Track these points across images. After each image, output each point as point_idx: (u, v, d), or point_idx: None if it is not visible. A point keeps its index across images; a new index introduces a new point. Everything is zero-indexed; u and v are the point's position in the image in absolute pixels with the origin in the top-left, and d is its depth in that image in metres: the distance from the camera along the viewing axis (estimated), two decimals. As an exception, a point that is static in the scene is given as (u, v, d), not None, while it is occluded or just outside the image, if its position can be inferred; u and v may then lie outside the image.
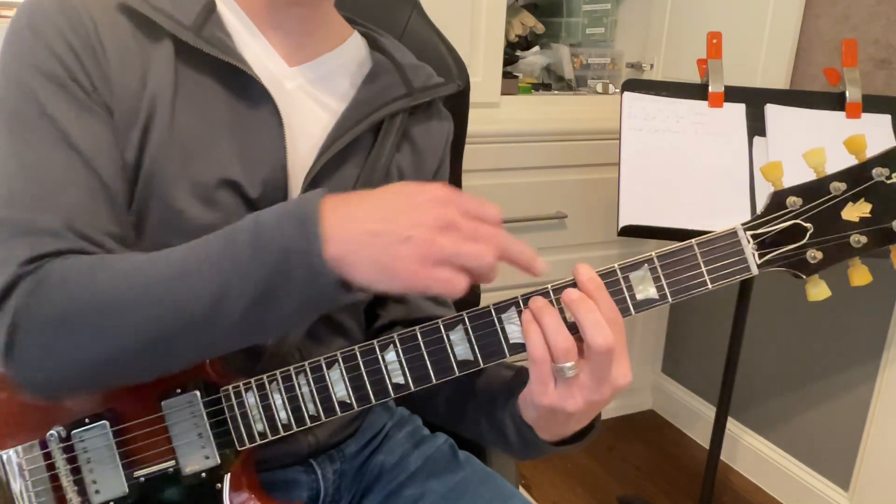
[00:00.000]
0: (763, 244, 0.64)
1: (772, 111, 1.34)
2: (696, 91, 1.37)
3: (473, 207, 0.59)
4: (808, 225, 0.64)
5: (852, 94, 1.31)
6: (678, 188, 1.31)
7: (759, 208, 0.66)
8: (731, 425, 1.95)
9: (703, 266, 0.64)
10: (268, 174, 0.73)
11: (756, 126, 1.34)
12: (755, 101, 1.36)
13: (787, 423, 1.83)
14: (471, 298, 1.13)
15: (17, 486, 0.71)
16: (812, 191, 0.64)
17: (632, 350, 2.14)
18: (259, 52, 0.76)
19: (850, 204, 0.64)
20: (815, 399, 1.75)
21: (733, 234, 0.64)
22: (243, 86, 0.73)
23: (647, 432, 2.14)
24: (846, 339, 1.66)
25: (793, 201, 0.64)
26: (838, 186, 0.64)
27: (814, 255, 0.64)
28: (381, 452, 0.89)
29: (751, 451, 1.92)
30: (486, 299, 1.16)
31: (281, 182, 0.74)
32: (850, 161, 0.65)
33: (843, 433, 1.68)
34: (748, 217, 0.65)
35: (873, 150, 0.65)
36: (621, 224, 1.29)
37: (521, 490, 0.86)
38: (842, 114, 1.32)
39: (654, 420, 2.21)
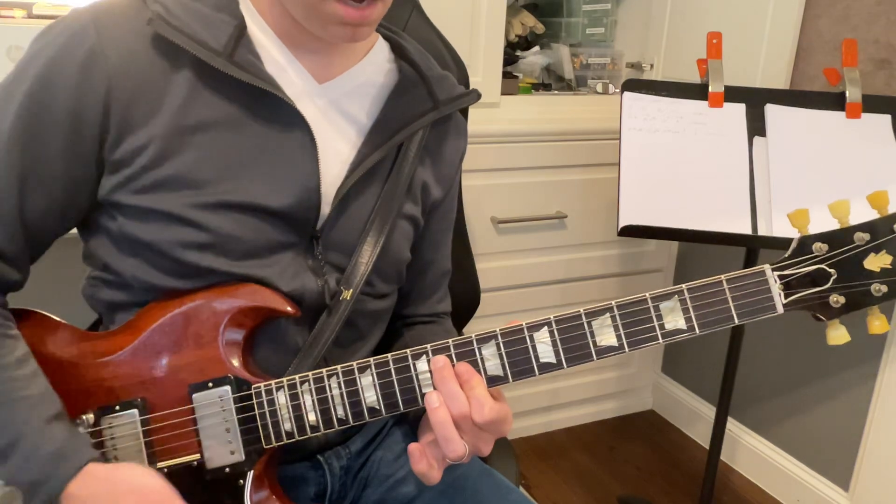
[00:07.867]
0: (789, 285, 0.67)
1: (772, 111, 1.34)
2: (696, 91, 1.37)
3: None
4: (832, 271, 0.66)
5: (852, 94, 1.31)
6: (678, 188, 1.31)
7: (788, 251, 0.68)
8: (731, 425, 1.95)
9: (730, 301, 0.66)
10: (300, 195, 0.74)
11: (756, 126, 1.33)
12: (755, 101, 1.36)
13: (787, 423, 1.83)
14: (471, 299, 1.14)
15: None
16: (837, 239, 0.67)
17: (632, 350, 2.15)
18: (290, 71, 0.76)
19: (873, 254, 0.66)
20: (815, 399, 1.75)
21: (761, 273, 0.67)
22: (274, 108, 0.73)
23: (647, 432, 2.14)
24: (846, 339, 1.65)
25: (818, 247, 0.67)
26: (862, 237, 0.66)
27: (836, 299, 0.67)
28: (382, 448, 0.90)
29: (751, 451, 1.92)
30: (485, 300, 1.17)
31: (314, 202, 0.75)
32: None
33: (843, 433, 1.68)
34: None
35: (873, 150, 0.66)
36: (621, 224, 1.29)
37: (521, 490, 0.86)
38: (842, 114, 1.32)
39: (654, 420, 2.21)
